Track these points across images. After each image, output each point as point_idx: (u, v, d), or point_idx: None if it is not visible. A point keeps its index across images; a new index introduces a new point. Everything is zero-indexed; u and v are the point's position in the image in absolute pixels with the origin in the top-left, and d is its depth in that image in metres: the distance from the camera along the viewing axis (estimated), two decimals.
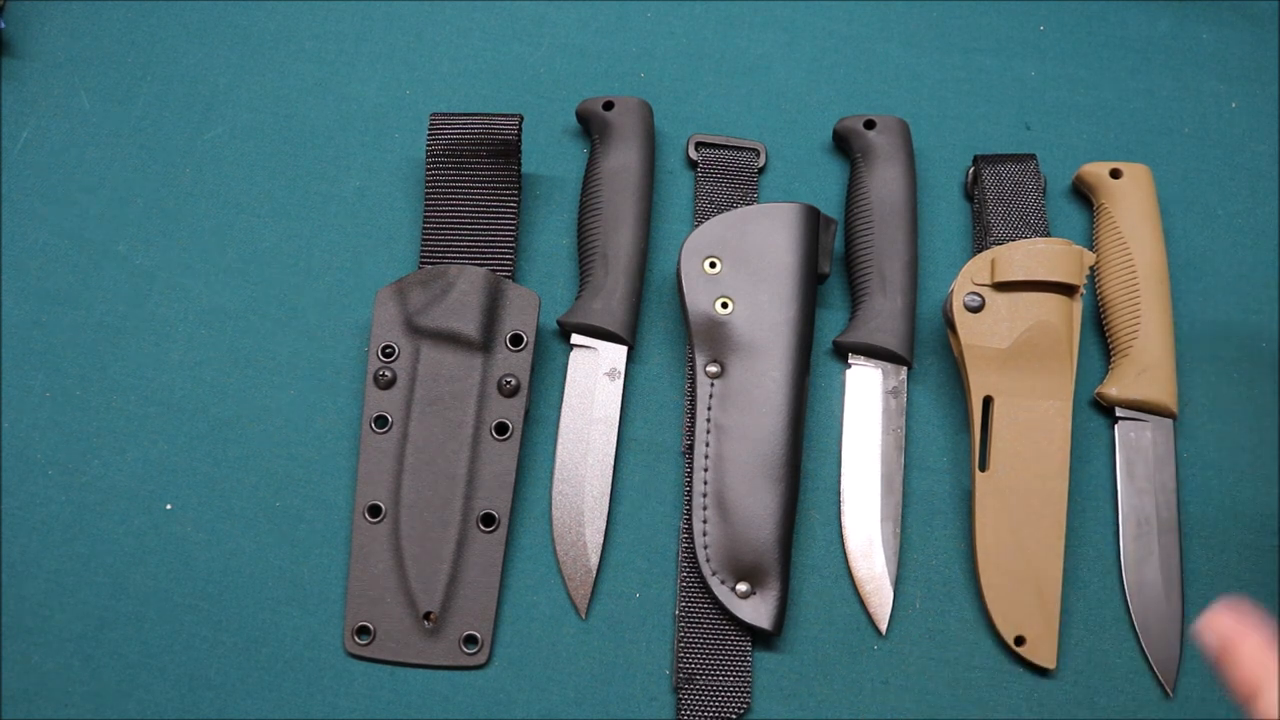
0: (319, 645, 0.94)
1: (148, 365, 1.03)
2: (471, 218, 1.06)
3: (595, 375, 1.03)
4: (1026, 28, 1.23)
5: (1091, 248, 1.10)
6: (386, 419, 0.99)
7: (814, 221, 1.03)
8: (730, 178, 1.12)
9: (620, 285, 1.04)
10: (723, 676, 0.94)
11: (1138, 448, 1.03)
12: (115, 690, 0.91)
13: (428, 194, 1.06)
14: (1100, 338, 1.08)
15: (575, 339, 1.04)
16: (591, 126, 1.12)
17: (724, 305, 1.01)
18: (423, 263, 1.05)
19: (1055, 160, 1.16)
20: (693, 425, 1.00)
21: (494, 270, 1.04)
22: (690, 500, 0.97)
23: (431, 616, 0.94)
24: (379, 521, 0.96)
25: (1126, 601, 0.98)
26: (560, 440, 1.01)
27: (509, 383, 0.99)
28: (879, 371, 1.04)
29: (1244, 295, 1.10)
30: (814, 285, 1.03)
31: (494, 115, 1.06)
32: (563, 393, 1.03)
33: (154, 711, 0.91)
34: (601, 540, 0.98)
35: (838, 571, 0.99)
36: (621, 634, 0.96)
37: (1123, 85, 1.20)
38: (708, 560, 0.95)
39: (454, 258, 1.05)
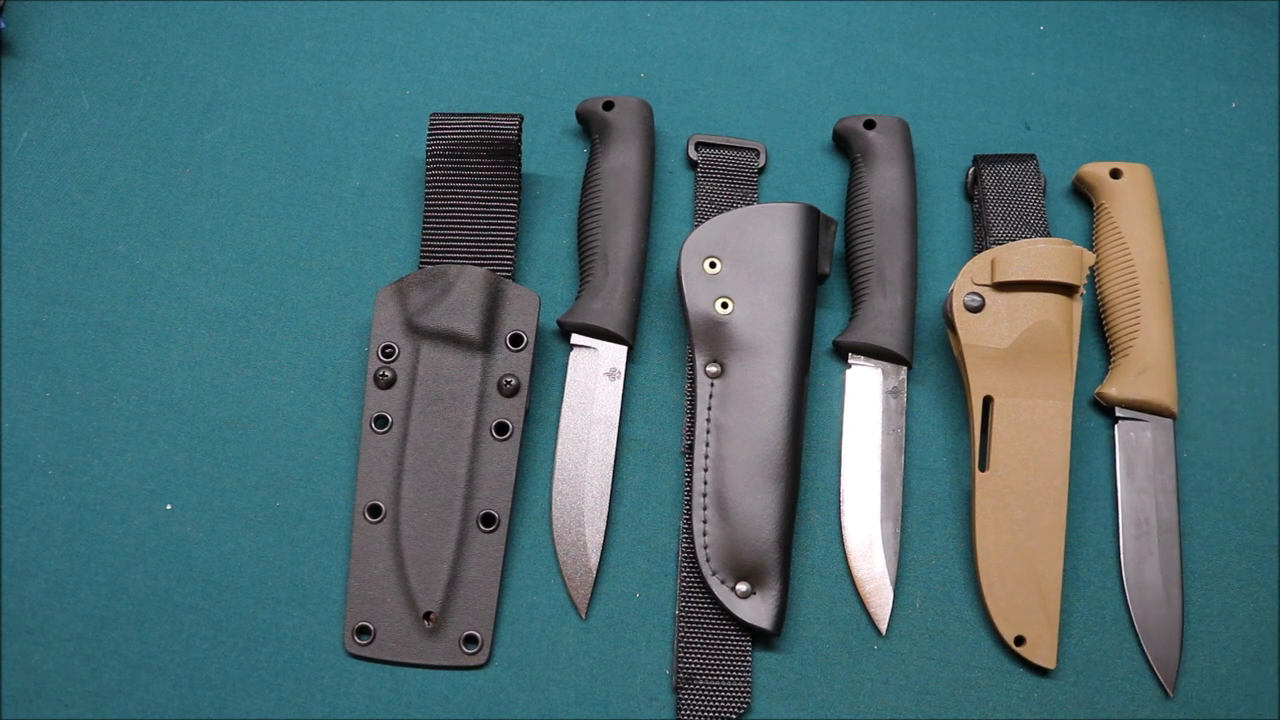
0: (319, 645, 0.94)
1: (148, 365, 1.03)
2: (471, 218, 1.06)
3: (595, 375, 1.03)
4: (1026, 28, 1.23)
5: (1091, 248, 1.10)
6: (386, 419, 0.99)
7: (814, 221, 1.03)
8: (730, 178, 1.12)
9: (620, 285, 1.04)
10: (723, 676, 0.94)
11: (1138, 448, 1.03)
12: (115, 690, 0.91)
13: (428, 194, 1.06)
14: (1100, 338, 1.08)
15: (575, 339, 1.04)
16: (591, 126, 1.12)
17: (724, 305, 1.01)
18: (423, 263, 1.05)
19: (1055, 160, 1.16)
20: (693, 425, 1.00)
21: (494, 270, 1.04)
22: (690, 500, 0.97)
23: (431, 616, 0.94)
24: (379, 521, 0.96)
25: (1126, 601, 0.98)
26: (560, 440, 1.01)
27: (509, 383, 0.99)
28: (879, 371, 1.04)
29: (1244, 295, 1.10)
30: (814, 285, 1.03)
31: (494, 115, 1.06)
32: (563, 393, 1.03)
33: (154, 711, 0.91)
34: (601, 540, 0.98)
35: (838, 571, 0.99)
36: (621, 634, 0.96)
37: (1123, 85, 1.20)
38: (708, 560, 0.95)
39: (454, 258, 1.05)
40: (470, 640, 0.94)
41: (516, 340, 1.01)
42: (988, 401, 1.00)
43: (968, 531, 1.00)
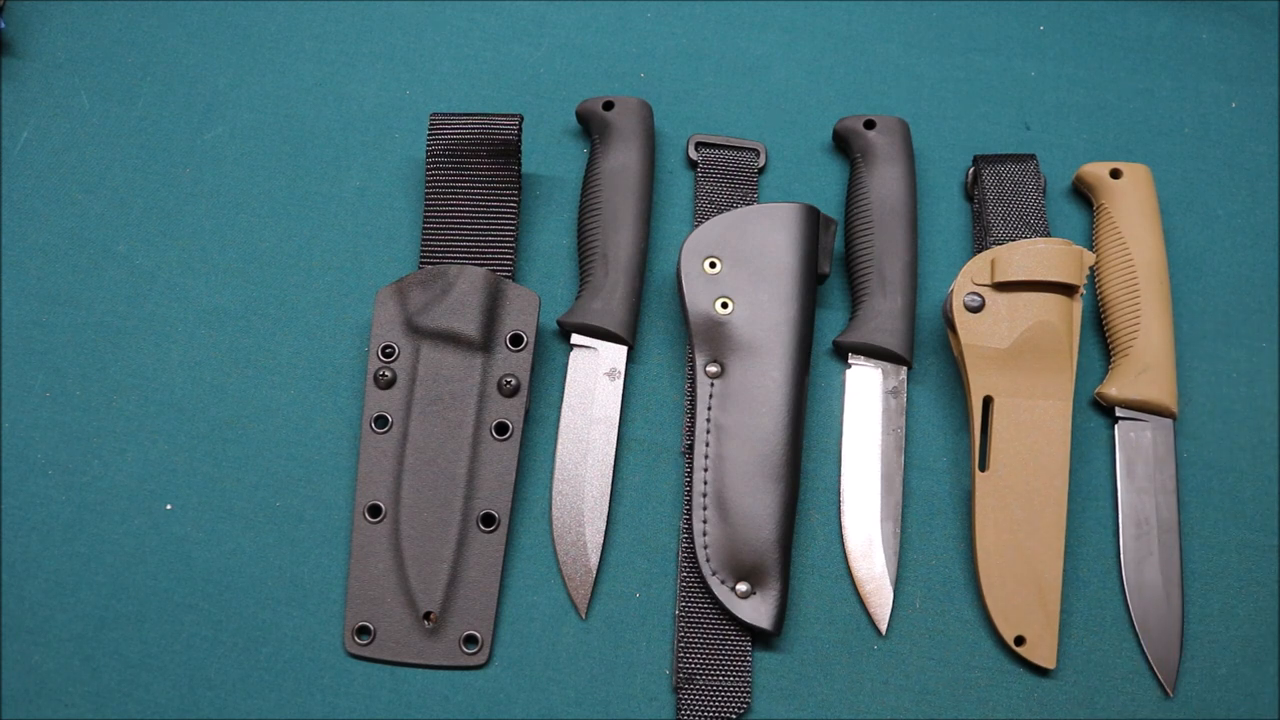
0: (319, 645, 0.94)
1: (148, 365, 1.03)
2: (471, 218, 1.06)
3: (595, 375, 1.03)
4: (1026, 28, 1.23)
5: (1091, 248, 1.10)
6: (386, 419, 0.99)
7: (814, 221, 1.03)
8: (730, 178, 1.12)
9: (620, 285, 1.04)
10: (723, 676, 0.94)
11: (1138, 448, 1.03)
12: (115, 690, 0.91)
13: (428, 194, 1.06)
14: (1100, 338, 1.08)
15: (575, 339, 1.04)
16: (591, 126, 1.12)
17: (724, 305, 1.01)
18: (423, 263, 1.05)
19: (1055, 160, 1.16)
20: (693, 425, 1.00)
21: (494, 270, 1.04)
22: (690, 500, 0.97)
23: (431, 616, 0.94)
24: (379, 521, 0.96)
25: (1126, 601, 0.98)
26: (560, 440, 1.01)
27: (509, 383, 0.99)
28: (879, 371, 1.04)
29: (1244, 295, 1.10)
30: (814, 285, 1.03)
31: (494, 115, 1.06)
32: (563, 393, 1.03)
33: (154, 711, 0.91)
34: (601, 540, 0.98)
35: (838, 571, 0.99)
36: (621, 634, 0.96)
37: (1123, 85, 1.20)
38: (708, 560, 0.95)
39: (454, 258, 1.05)
40: (470, 640, 0.94)
41: (516, 340, 1.01)
42: (988, 401, 1.00)
43: (968, 531, 1.00)
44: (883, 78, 1.20)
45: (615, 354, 1.04)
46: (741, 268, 1.01)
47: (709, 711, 0.93)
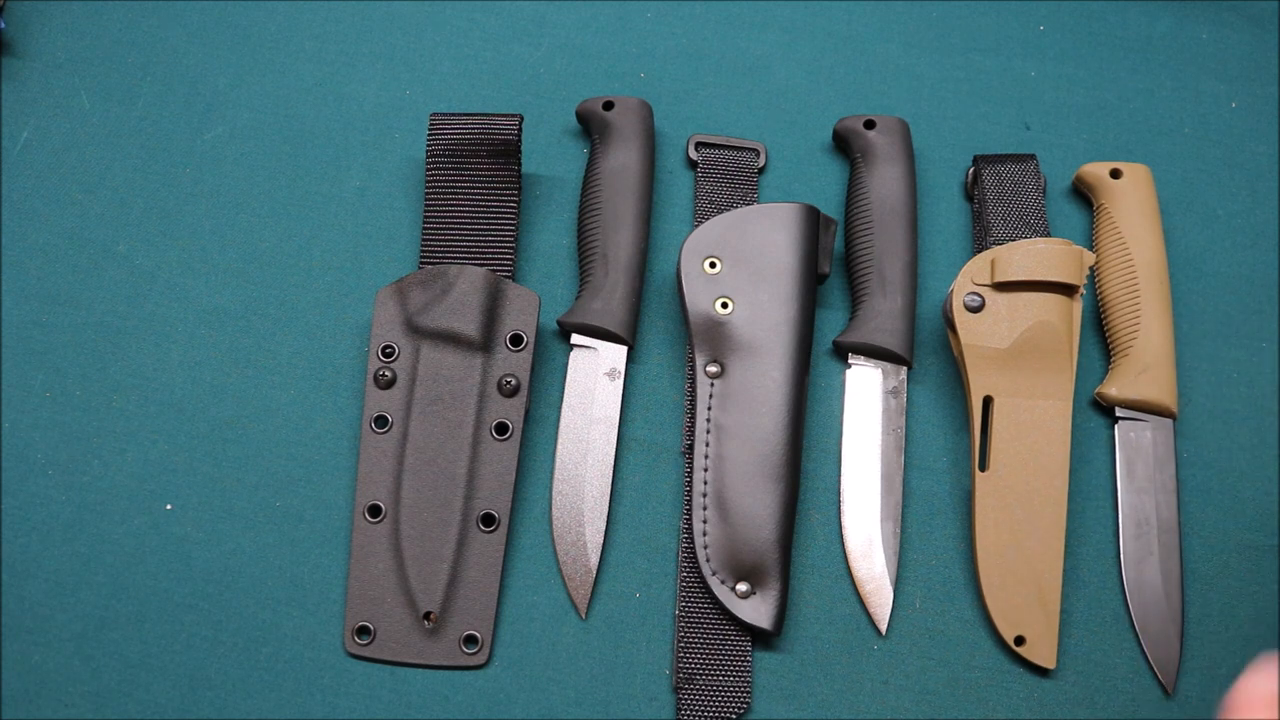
0: (319, 645, 0.94)
1: (148, 365, 1.03)
2: (471, 218, 1.06)
3: (595, 375, 1.03)
4: (1026, 28, 1.23)
5: (1091, 248, 1.10)
6: (386, 419, 0.99)
7: (814, 221, 1.03)
8: (730, 178, 1.12)
9: (620, 285, 1.04)
10: (723, 676, 0.94)
11: (1138, 448, 1.03)
12: (115, 690, 0.91)
13: (428, 194, 1.06)
14: (1100, 338, 1.08)
15: (575, 339, 1.04)
16: (591, 126, 1.12)
17: (724, 305, 1.01)
18: (423, 263, 1.05)
19: (1055, 160, 1.16)
20: (693, 425, 1.00)
21: (494, 270, 1.04)
22: (690, 500, 0.97)
23: (431, 616, 0.94)
24: (379, 521, 0.96)
25: (1126, 601, 0.98)
26: (560, 440, 1.01)
27: (509, 383, 0.99)
28: (879, 371, 1.04)
29: (1244, 295, 1.10)
30: (814, 285, 1.03)
31: (494, 115, 1.06)
32: (563, 393, 1.03)
33: (154, 711, 0.91)
34: (601, 540, 0.98)
35: (838, 571, 0.99)
36: (621, 634, 0.96)
37: (1123, 85, 1.20)
38: (708, 560, 0.95)
39: (454, 258, 1.05)
40: (470, 640, 0.94)
41: (516, 340, 1.01)
42: (988, 401, 1.00)
43: (968, 531, 1.00)
44: (883, 78, 1.20)
45: (615, 354, 1.04)
46: (741, 268, 1.01)
47: (709, 711, 0.93)
